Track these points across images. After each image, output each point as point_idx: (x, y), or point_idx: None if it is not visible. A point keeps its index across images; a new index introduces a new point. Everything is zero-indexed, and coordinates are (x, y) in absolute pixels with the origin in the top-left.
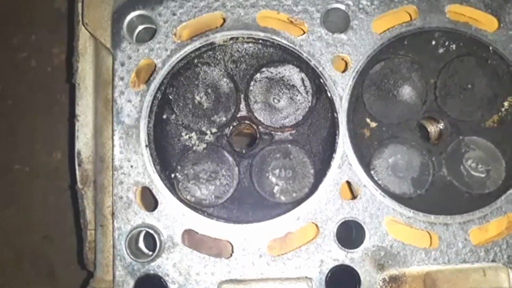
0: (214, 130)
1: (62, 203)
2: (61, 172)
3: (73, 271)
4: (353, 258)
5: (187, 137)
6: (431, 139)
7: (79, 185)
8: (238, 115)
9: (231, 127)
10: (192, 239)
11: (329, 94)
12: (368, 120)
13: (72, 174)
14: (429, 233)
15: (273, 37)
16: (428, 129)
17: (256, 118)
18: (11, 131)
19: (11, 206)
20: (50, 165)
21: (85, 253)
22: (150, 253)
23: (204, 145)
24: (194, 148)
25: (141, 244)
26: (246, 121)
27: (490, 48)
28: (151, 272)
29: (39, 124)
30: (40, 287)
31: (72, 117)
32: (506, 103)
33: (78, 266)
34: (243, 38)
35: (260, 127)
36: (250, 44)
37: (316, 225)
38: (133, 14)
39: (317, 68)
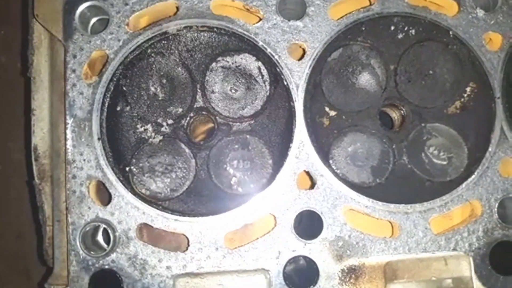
0: (170, 121)
1: (31, 195)
2: None
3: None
4: (311, 249)
5: (142, 129)
6: (394, 126)
7: (36, 180)
8: (195, 106)
9: (188, 118)
10: (151, 233)
11: (285, 83)
12: (327, 108)
13: (29, 169)
14: (391, 223)
15: (228, 25)
16: (391, 116)
17: (213, 108)
18: None
19: None
20: (23, 163)
21: (44, 249)
22: (108, 247)
23: (160, 137)
24: (150, 140)
25: (100, 238)
26: (204, 112)
27: (451, 33)
28: (106, 267)
29: (12, 121)
30: (15, 284)
31: (28, 112)
32: (468, 89)
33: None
34: (197, 26)
35: (218, 117)
36: (205, 33)
37: (274, 216)
38: (85, 4)
39: (273, 56)
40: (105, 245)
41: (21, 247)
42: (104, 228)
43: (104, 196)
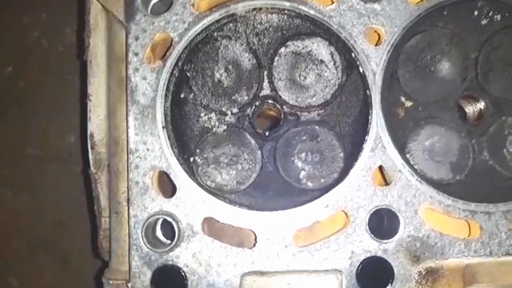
0: (235, 110)
1: (76, 188)
2: (75, 156)
3: (88, 258)
4: (387, 249)
5: (206, 118)
6: (470, 120)
7: (92, 169)
8: (261, 94)
9: (253, 107)
10: (212, 227)
11: (361, 70)
12: (403, 98)
13: (84, 158)
14: (468, 223)
15: (300, 7)
16: (466, 109)
17: (280, 97)
18: (23, 114)
19: (24, 192)
20: (64, 149)
21: (99, 242)
22: (168, 242)
23: (225, 127)
24: (214, 129)
25: (159, 233)
26: (270, 101)
27: None
28: (170, 262)
29: (52, 106)
30: (54, 274)
31: (83, 97)
32: None
33: (92, 254)
34: (266, 8)
35: (284, 106)
36: (274, 15)
37: (346, 214)
38: None
39: (348, 41)
40: (164, 239)
41: (60, 235)
42: (163, 222)
43: (166, 187)
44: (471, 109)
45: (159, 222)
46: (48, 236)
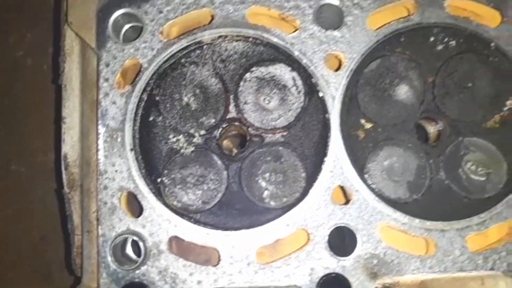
0: (202, 132)
1: (60, 203)
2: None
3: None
4: (345, 266)
5: (174, 139)
6: (430, 140)
7: (65, 189)
8: (228, 117)
9: (220, 129)
10: (180, 245)
11: (320, 94)
12: (362, 121)
13: (58, 178)
14: (426, 240)
15: (263, 35)
16: (427, 130)
17: (246, 119)
18: (7, 131)
19: (10, 208)
20: (47, 165)
21: (73, 258)
22: (138, 259)
23: (192, 148)
24: (182, 151)
25: (129, 250)
26: (236, 123)
27: (492, 44)
28: (136, 280)
29: (36, 123)
30: (36, 287)
31: (58, 119)
32: (508, 102)
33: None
34: (232, 36)
35: (250, 129)
36: (240, 43)
37: (307, 232)
38: (118, 12)
39: (309, 66)
40: (134, 257)
41: (44, 250)
42: (133, 240)
43: (135, 207)
44: (431, 129)
45: (129, 240)
46: (32, 251)
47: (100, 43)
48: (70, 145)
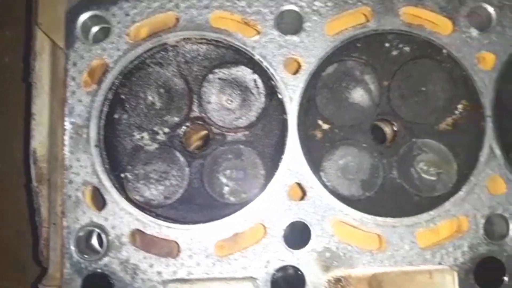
0: (166, 130)
1: (28, 197)
2: None
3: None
4: (299, 258)
5: (139, 136)
6: (387, 140)
7: (34, 183)
8: (191, 116)
9: (183, 127)
10: (144, 238)
11: (279, 96)
12: (320, 122)
13: (27, 173)
14: (378, 236)
15: (226, 38)
16: (384, 131)
17: (209, 118)
18: None
19: None
20: (23, 163)
21: (40, 250)
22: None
23: (156, 145)
24: (146, 148)
25: (94, 242)
26: (199, 122)
27: (444, 51)
28: (98, 270)
29: (16, 122)
30: (11, 281)
31: (28, 116)
32: (460, 106)
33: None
34: (195, 38)
35: (213, 127)
36: (203, 45)
37: (264, 226)
38: (87, 14)
39: (269, 69)
40: (99, 248)
41: (19, 244)
42: (98, 232)
43: (100, 201)
44: (387, 131)
45: (95, 233)
46: (8, 245)
47: (69, 43)
48: (39, 141)
